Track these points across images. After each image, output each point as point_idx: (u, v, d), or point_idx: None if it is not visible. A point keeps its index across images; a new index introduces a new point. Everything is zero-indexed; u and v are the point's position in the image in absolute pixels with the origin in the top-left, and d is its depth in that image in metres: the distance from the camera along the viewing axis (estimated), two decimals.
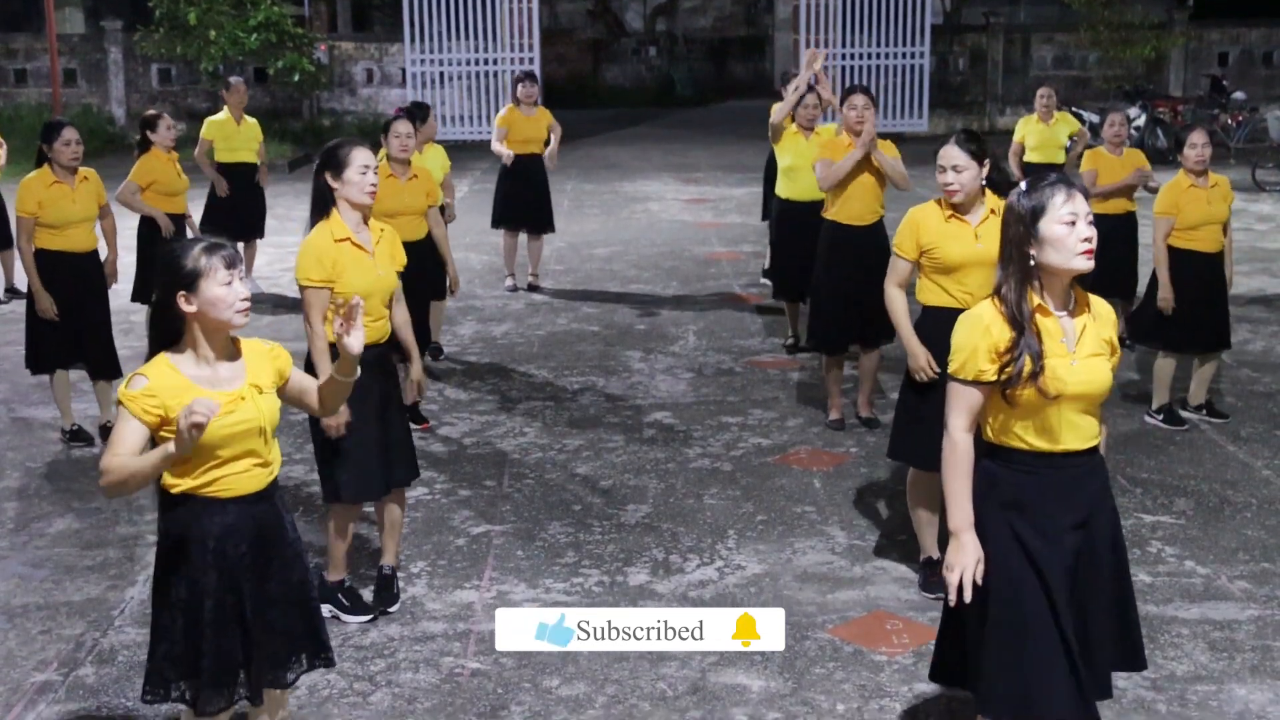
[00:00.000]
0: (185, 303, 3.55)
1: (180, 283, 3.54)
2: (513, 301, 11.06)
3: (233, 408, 3.58)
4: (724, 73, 33.81)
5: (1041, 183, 3.58)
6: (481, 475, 6.96)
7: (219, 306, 3.56)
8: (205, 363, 3.61)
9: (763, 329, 10.04)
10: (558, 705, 4.65)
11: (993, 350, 3.50)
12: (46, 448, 7.50)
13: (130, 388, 3.53)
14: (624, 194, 17.33)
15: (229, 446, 3.59)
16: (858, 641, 5.09)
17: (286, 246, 12.93)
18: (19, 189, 7.33)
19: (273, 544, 3.74)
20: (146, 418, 3.51)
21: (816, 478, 6.88)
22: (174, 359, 3.59)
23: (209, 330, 3.60)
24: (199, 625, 3.64)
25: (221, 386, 3.60)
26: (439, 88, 22.67)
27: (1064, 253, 3.51)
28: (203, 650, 3.64)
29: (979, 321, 3.56)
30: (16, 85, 23.66)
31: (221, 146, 11.18)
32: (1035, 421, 3.53)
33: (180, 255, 3.57)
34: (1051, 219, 3.51)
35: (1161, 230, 7.42)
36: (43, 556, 6.00)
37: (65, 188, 7.31)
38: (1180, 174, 7.51)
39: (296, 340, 9.72)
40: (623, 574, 5.73)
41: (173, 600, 3.66)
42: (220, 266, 3.57)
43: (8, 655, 5.06)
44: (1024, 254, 3.53)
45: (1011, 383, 3.48)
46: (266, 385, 3.70)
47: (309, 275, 5.04)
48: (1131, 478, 6.79)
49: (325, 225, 5.08)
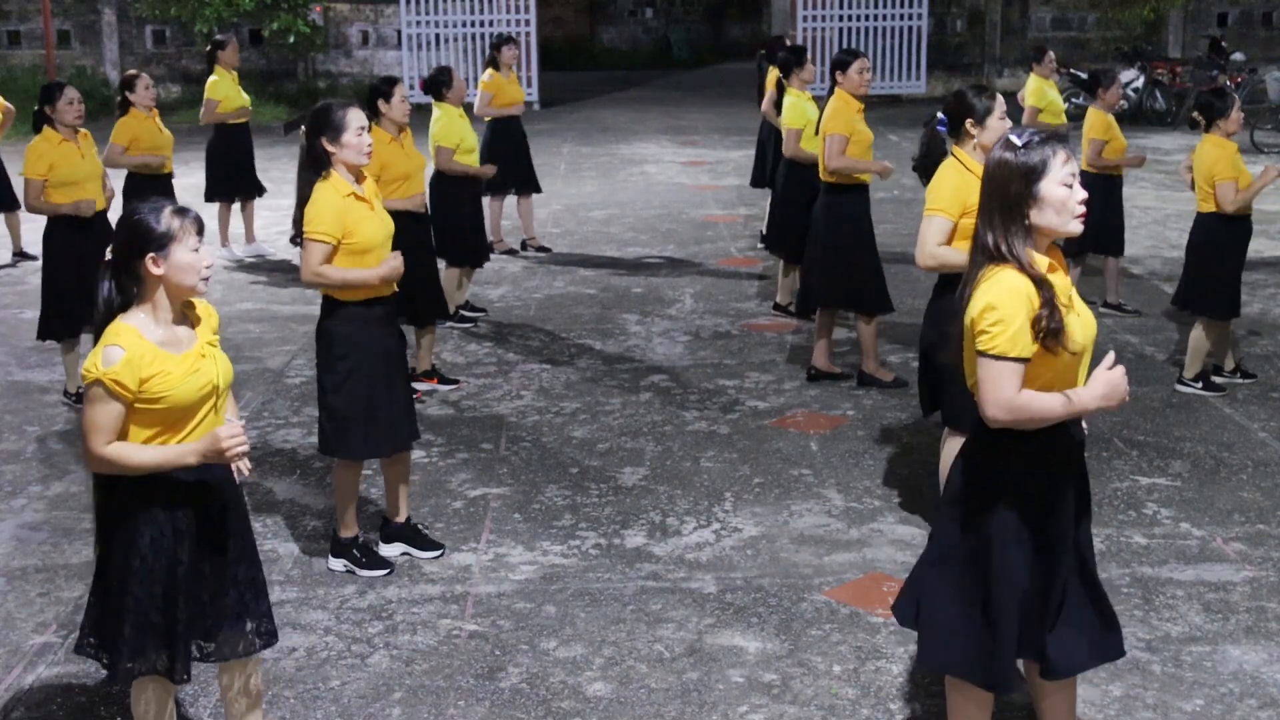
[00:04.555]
0: (154, 265, 3.49)
1: (151, 244, 3.49)
2: (509, 264, 11.03)
3: (196, 367, 3.55)
4: (721, 35, 33.60)
5: (1035, 140, 3.43)
6: (479, 438, 6.97)
7: (187, 272, 3.52)
8: (164, 325, 3.55)
9: (759, 292, 10.03)
10: (555, 667, 4.67)
11: (1030, 319, 3.33)
12: (44, 411, 7.50)
13: (105, 364, 3.43)
14: (621, 156, 17.27)
15: (192, 407, 3.56)
16: (854, 603, 5.11)
17: (282, 209, 12.87)
18: (27, 153, 7.32)
19: (231, 501, 3.72)
20: (123, 394, 3.44)
21: (813, 440, 6.89)
22: (135, 323, 3.52)
23: (171, 294, 3.55)
24: (173, 591, 3.58)
25: (182, 348, 3.56)
26: (434, 50, 22.53)
27: (1063, 215, 3.40)
28: (177, 618, 3.58)
29: (1018, 293, 3.33)
30: (10, 47, 23.51)
31: (225, 107, 11.13)
32: (1055, 381, 3.41)
33: (152, 216, 3.52)
34: (1053, 180, 3.39)
35: (1231, 193, 7.23)
36: (41, 519, 6.01)
37: (72, 146, 7.37)
38: (1224, 139, 7.33)
39: (293, 303, 9.75)
40: (619, 537, 5.74)
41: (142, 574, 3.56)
42: (192, 231, 3.54)
43: (7, 617, 5.07)
44: (1023, 214, 3.39)
45: (1046, 341, 3.33)
46: (214, 341, 3.69)
47: (326, 230, 5.04)
48: (1128, 440, 6.80)
49: (327, 184, 5.08)
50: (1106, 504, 5.97)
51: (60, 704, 4.47)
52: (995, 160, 3.46)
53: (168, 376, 3.49)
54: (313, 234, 5.06)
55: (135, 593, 3.57)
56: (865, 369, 7.69)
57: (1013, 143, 3.45)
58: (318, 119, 5.11)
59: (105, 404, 3.45)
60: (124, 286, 3.56)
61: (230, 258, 11.26)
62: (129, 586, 3.58)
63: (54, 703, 4.48)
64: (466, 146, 8.74)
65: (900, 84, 22.97)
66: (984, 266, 3.43)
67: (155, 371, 3.47)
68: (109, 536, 3.64)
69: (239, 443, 3.48)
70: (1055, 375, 3.41)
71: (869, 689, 4.50)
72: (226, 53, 11.20)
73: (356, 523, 5.46)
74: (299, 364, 8.27)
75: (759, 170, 11.55)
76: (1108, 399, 3.37)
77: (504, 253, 11.32)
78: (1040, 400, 3.35)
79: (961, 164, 5.31)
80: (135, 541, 3.57)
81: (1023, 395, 3.34)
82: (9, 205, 11.05)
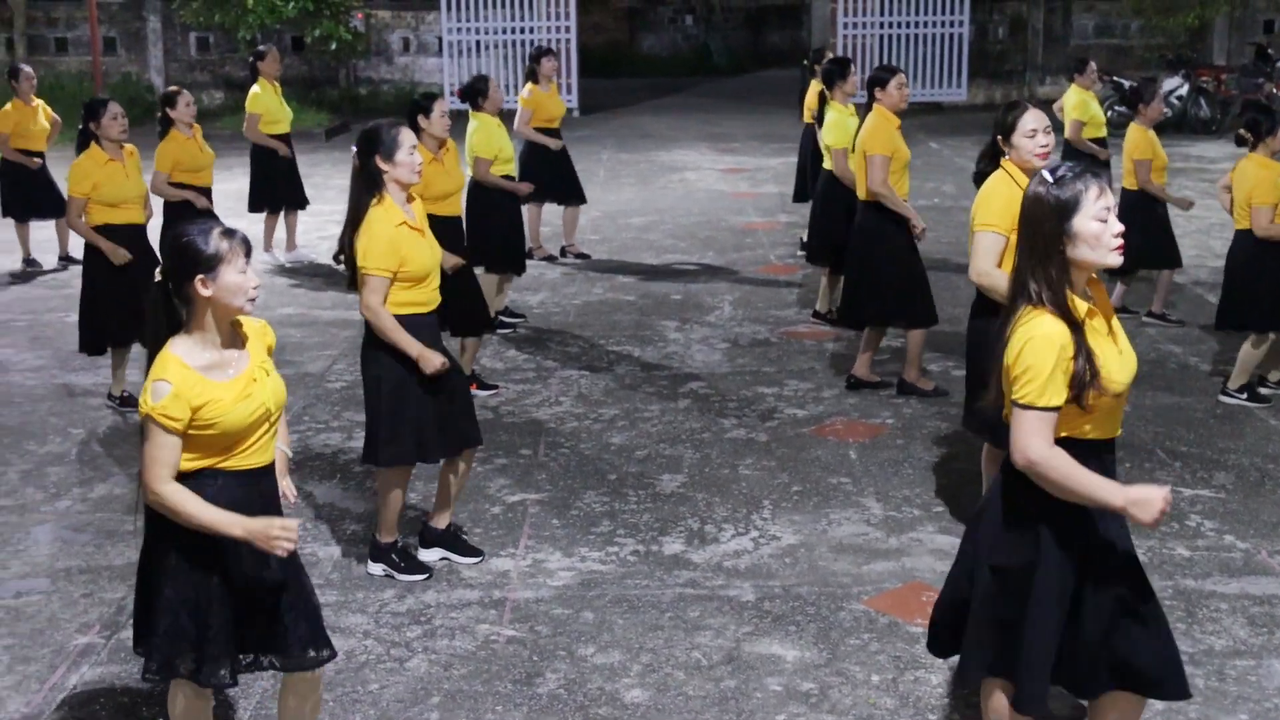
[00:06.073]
0: (203, 286, 3.50)
1: (201, 266, 3.50)
2: (548, 271, 11.05)
3: (248, 391, 3.56)
4: (761, 42, 33.59)
5: (1070, 174, 3.38)
6: (517, 444, 6.98)
7: (235, 293, 3.53)
8: (212, 348, 3.56)
9: (798, 300, 10.01)
10: (593, 673, 4.67)
11: (1066, 368, 3.29)
12: (88, 413, 7.58)
13: (154, 399, 3.45)
14: (660, 163, 17.28)
15: (245, 431, 3.58)
16: (893, 613, 5.08)
17: (324, 215, 12.97)
18: (71, 170, 7.37)
19: (273, 514, 3.73)
20: (175, 426, 3.47)
21: (852, 449, 6.86)
22: (181, 351, 3.53)
23: (219, 316, 3.57)
24: (206, 596, 3.61)
25: (230, 373, 3.56)
26: (475, 56, 22.63)
27: (1099, 250, 3.35)
28: (208, 622, 3.61)
29: (1051, 343, 3.28)
30: (57, 54, 23.80)
31: (266, 120, 11.20)
32: (1094, 417, 3.38)
33: (201, 238, 3.52)
34: (1086, 215, 3.33)
35: (1265, 220, 7.19)
36: (84, 520, 6.07)
37: (118, 165, 7.40)
38: (1269, 159, 7.25)
39: (334, 308, 9.81)
40: (657, 544, 5.74)
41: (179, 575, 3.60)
42: (240, 253, 3.55)
43: (51, 618, 5.13)
44: (1059, 251, 3.34)
45: (1080, 392, 3.29)
46: (268, 364, 3.70)
47: (383, 265, 5.08)
48: (1171, 451, 6.74)
49: (381, 211, 5.11)
50: None
51: (103, 704, 4.51)
52: (1030, 196, 3.42)
53: (218, 404, 3.50)
54: (370, 269, 5.08)
55: (168, 595, 3.61)
56: (906, 378, 7.66)
57: (1045, 179, 3.40)
58: (370, 140, 5.14)
59: (160, 438, 3.48)
60: (173, 309, 3.58)
61: (273, 263, 11.34)
62: (163, 589, 3.62)
63: (97, 702, 4.52)
64: (504, 157, 8.75)
65: (941, 91, 22.88)
66: (1022, 308, 3.39)
67: (205, 400, 3.48)
68: (151, 538, 3.68)
69: (289, 540, 3.48)
70: (1095, 418, 3.39)
71: (908, 699, 4.48)
72: (266, 63, 11.27)
73: (397, 528, 5.48)
74: (339, 369, 8.31)
75: (800, 185, 11.51)
76: (1137, 506, 3.28)
77: (543, 259, 11.34)
78: (1068, 469, 3.31)
79: (1010, 177, 5.27)
80: (172, 545, 3.60)
81: (1054, 455, 3.31)
82: (57, 211, 11.18)
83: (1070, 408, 3.33)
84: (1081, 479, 3.31)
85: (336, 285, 10.44)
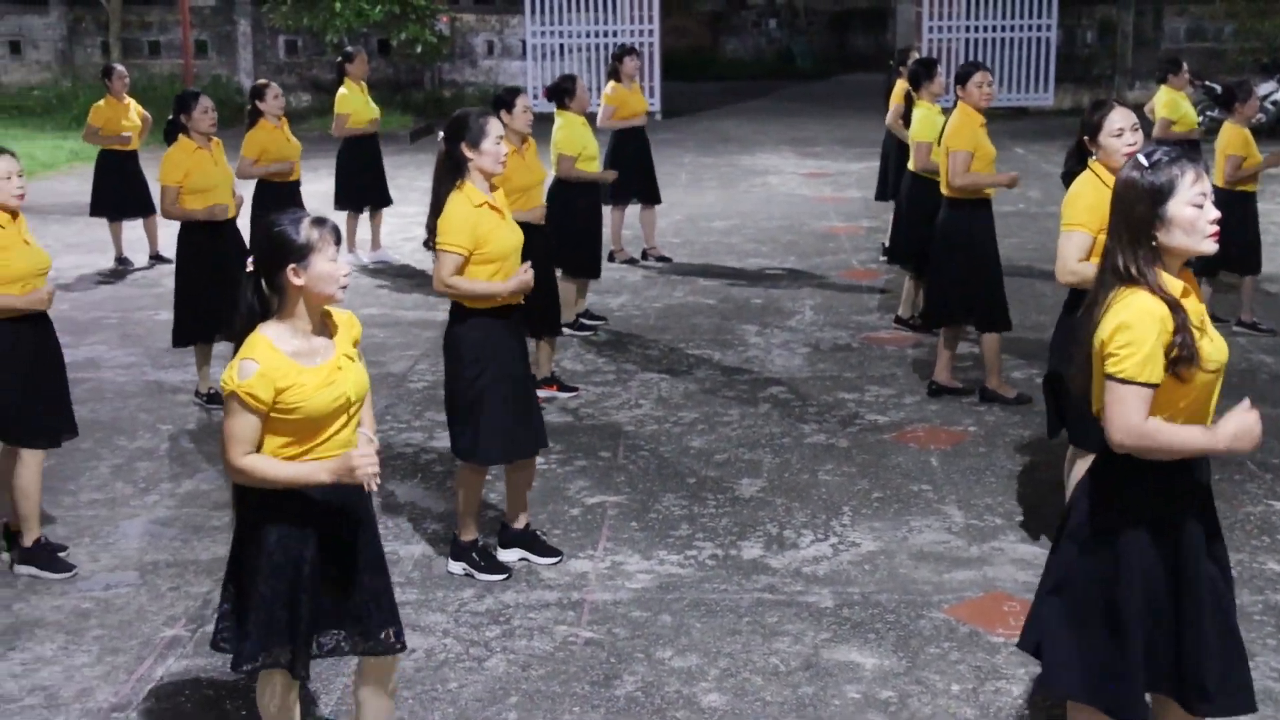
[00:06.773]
0: (295, 275, 3.56)
1: (293, 255, 3.56)
2: (629, 274, 11.08)
3: (332, 379, 3.61)
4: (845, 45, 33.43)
5: (1164, 159, 3.32)
6: (597, 446, 7.00)
7: (326, 281, 3.59)
8: (302, 335, 3.63)
9: (880, 305, 9.93)
10: (670, 676, 4.67)
11: (1165, 344, 3.23)
12: (177, 410, 7.72)
13: (241, 376, 3.52)
14: (742, 167, 17.25)
15: (327, 418, 3.63)
16: (974, 622, 5.03)
17: (408, 216, 13.10)
18: (163, 161, 7.54)
19: (358, 507, 3.79)
20: (258, 405, 3.52)
21: (934, 456, 6.80)
22: (271, 335, 3.60)
23: (310, 304, 3.63)
24: (297, 589, 3.67)
25: (317, 360, 3.62)
26: (559, 59, 22.74)
27: (1194, 236, 3.29)
28: (300, 615, 3.67)
29: (1151, 316, 3.23)
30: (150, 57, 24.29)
31: (354, 120, 11.35)
32: (1187, 407, 3.32)
33: (292, 228, 3.59)
34: (1181, 200, 3.27)
35: None
36: (172, 515, 6.18)
37: (206, 153, 7.57)
38: None
39: (416, 309, 9.90)
40: (736, 548, 5.73)
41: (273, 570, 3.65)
42: (331, 241, 3.61)
43: (139, 610, 5.23)
44: (1151, 236, 3.29)
45: (1179, 368, 3.23)
46: (353, 354, 3.75)
47: (458, 242, 5.12)
48: (1261, 463, 6.60)
49: (460, 194, 5.16)
50: (1239, 528, 5.80)
51: (188, 696, 4.59)
52: (1122, 180, 3.36)
53: (302, 389, 3.55)
54: (445, 245, 5.13)
55: (262, 590, 3.66)
56: (988, 385, 7.57)
57: (1140, 162, 3.35)
58: (457, 126, 5.19)
59: (241, 416, 3.54)
60: (265, 297, 3.64)
61: (356, 263, 11.47)
62: (257, 584, 3.67)
63: (182, 694, 4.60)
64: (589, 154, 8.81)
65: (1027, 96, 22.62)
66: (1115, 288, 3.33)
67: (290, 384, 3.54)
68: (242, 535, 3.74)
69: (371, 463, 3.54)
70: (1189, 401, 3.31)
71: (988, 710, 4.43)
72: (354, 65, 11.42)
73: (477, 527, 5.52)
74: (421, 369, 8.39)
75: (882, 184, 11.46)
76: (1238, 440, 3.25)
77: (624, 262, 11.37)
78: (1169, 431, 3.26)
79: (1098, 177, 5.20)
80: (264, 540, 3.66)
81: (1151, 423, 3.25)
82: (147, 210, 11.41)
83: (1163, 395, 3.26)
84: (1185, 436, 3.26)
85: (420, 286, 10.55)
